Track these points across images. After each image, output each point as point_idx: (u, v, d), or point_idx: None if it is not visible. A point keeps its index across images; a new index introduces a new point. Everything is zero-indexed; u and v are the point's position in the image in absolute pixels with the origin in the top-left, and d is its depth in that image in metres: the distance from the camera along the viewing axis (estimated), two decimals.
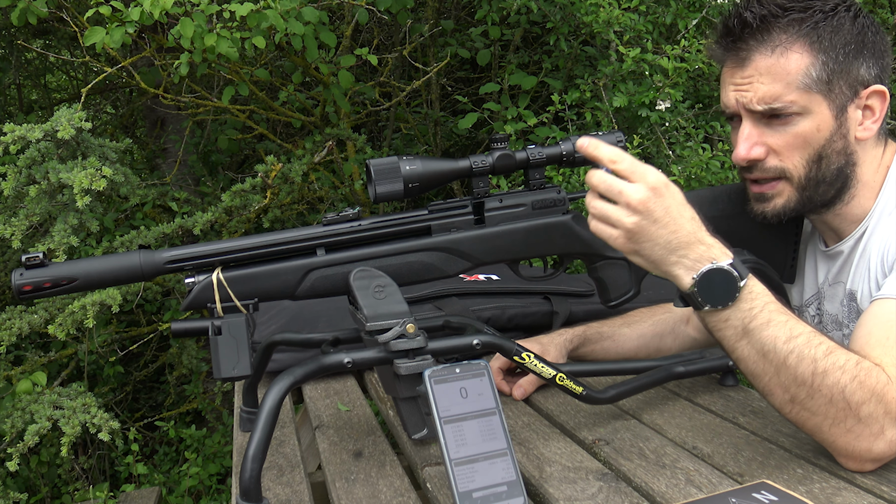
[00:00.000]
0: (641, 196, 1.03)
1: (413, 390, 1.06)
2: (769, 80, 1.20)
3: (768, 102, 1.20)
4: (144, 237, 2.64)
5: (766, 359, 1.02)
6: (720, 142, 2.91)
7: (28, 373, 2.67)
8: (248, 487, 0.95)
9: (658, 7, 3.02)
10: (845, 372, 0.99)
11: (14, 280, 1.06)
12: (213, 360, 1.09)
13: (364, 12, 2.81)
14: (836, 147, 1.22)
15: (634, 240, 1.05)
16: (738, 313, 1.03)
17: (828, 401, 0.99)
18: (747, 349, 1.03)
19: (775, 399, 1.04)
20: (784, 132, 1.21)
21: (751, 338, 1.03)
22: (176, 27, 2.25)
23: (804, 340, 1.01)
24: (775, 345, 1.01)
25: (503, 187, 2.77)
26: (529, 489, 1.07)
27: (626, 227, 1.04)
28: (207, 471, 3.35)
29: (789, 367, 1.00)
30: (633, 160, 1.05)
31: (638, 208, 1.03)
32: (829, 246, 1.34)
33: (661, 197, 1.03)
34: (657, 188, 1.03)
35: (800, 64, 1.19)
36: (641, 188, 1.03)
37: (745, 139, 1.23)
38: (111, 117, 4.36)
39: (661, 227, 1.03)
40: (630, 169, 1.04)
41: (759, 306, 1.03)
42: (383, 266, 1.16)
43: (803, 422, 1.03)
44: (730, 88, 1.25)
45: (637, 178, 1.04)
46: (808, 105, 1.19)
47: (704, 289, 1.03)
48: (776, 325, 1.02)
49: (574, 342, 1.51)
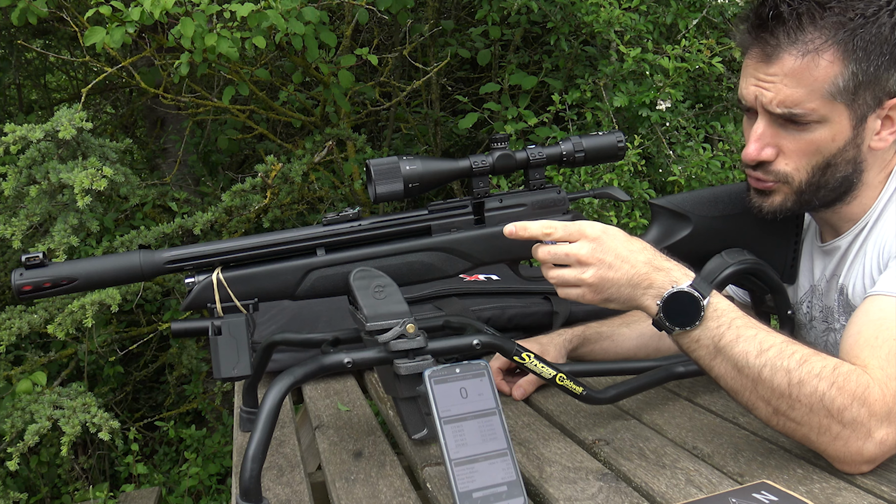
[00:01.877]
0: (587, 250, 1.08)
1: (413, 390, 1.06)
2: (793, 83, 1.15)
3: (788, 107, 1.16)
4: (144, 237, 2.63)
5: (741, 374, 1.03)
6: (720, 142, 2.91)
7: (28, 373, 2.67)
8: (248, 487, 0.95)
9: (658, 7, 3.02)
10: (822, 379, 0.99)
11: (14, 280, 1.06)
12: (213, 360, 1.09)
13: (364, 12, 2.81)
14: (846, 157, 1.19)
15: (599, 290, 1.08)
16: (707, 332, 1.05)
17: (808, 410, 0.99)
18: (722, 366, 1.05)
19: (760, 412, 1.05)
20: (798, 137, 1.18)
21: (724, 355, 1.04)
22: (176, 27, 2.25)
23: (776, 352, 1.01)
24: (747, 360, 1.02)
25: (503, 187, 2.77)
26: (529, 489, 1.07)
27: (587, 283, 1.08)
28: (207, 471, 3.35)
29: (765, 381, 1.01)
30: (565, 224, 1.10)
31: (589, 261, 1.07)
32: (825, 241, 1.34)
33: (604, 244, 1.08)
34: (597, 237, 1.08)
35: (828, 72, 1.13)
36: (584, 244, 1.08)
37: (758, 139, 1.21)
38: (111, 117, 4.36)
39: (616, 270, 1.07)
40: (566, 232, 1.09)
41: (727, 323, 1.05)
42: (383, 266, 1.16)
43: (792, 432, 1.03)
44: (751, 81, 1.20)
45: (576, 237, 1.09)
46: (828, 114, 1.15)
47: (670, 312, 1.05)
48: (745, 339, 1.03)
49: (574, 342, 1.51)
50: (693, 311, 1.05)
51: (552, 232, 1.10)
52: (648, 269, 1.07)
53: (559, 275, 1.10)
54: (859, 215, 1.26)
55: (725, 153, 2.75)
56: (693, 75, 3.02)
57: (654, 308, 1.07)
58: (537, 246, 1.13)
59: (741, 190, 1.33)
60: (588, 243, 1.08)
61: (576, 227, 1.09)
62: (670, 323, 1.06)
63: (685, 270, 1.08)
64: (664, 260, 1.09)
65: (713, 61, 2.71)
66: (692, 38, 2.75)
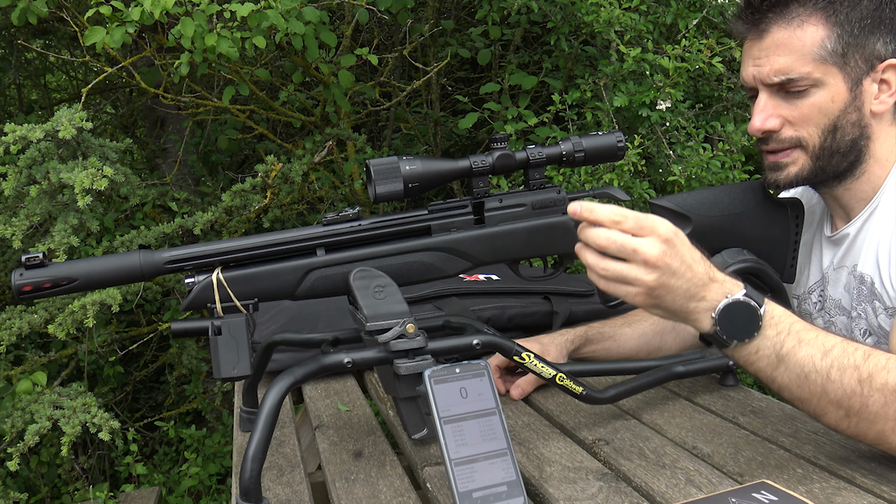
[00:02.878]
0: (658, 251, 0.97)
1: (413, 390, 1.06)
2: (785, 51, 1.24)
3: (785, 73, 1.24)
4: (144, 237, 2.64)
5: (808, 380, 0.98)
6: (720, 142, 2.91)
7: (28, 373, 2.67)
8: (248, 487, 0.95)
9: (658, 7, 3.02)
10: (890, 371, 0.96)
11: (14, 280, 1.06)
12: (213, 360, 1.09)
13: (364, 12, 2.81)
14: (850, 119, 1.25)
15: (655, 296, 1.00)
16: (767, 341, 1.00)
17: (883, 403, 0.96)
18: (786, 376, 1.00)
19: (830, 418, 1.00)
20: (800, 104, 1.25)
21: (787, 363, 0.99)
22: (176, 27, 2.25)
23: (840, 351, 0.98)
24: (814, 363, 0.98)
25: (503, 187, 2.77)
26: (529, 489, 1.07)
27: (646, 285, 0.99)
28: (207, 471, 3.35)
29: (834, 382, 0.97)
30: (637, 215, 0.99)
31: (657, 263, 0.97)
32: (835, 230, 1.36)
33: (675, 248, 0.99)
34: (670, 239, 0.98)
35: (815, 36, 1.22)
36: (655, 242, 0.98)
37: (761, 111, 1.27)
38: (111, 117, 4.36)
39: (679, 278, 0.99)
40: (638, 225, 0.98)
41: (786, 329, 1.00)
42: (383, 266, 1.16)
43: (864, 433, 0.99)
44: (749, 63, 1.29)
45: (647, 233, 0.98)
46: (822, 77, 1.23)
47: (726, 325, 1.00)
48: (808, 343, 0.99)
49: (575, 342, 1.51)
50: (751, 321, 0.99)
51: (622, 220, 0.98)
52: (705, 280, 1.00)
53: (617, 270, 0.99)
54: (870, 194, 1.30)
55: (725, 153, 2.75)
56: (693, 75, 3.02)
57: (707, 322, 1.01)
58: (593, 230, 1.00)
59: (741, 190, 1.34)
60: (659, 243, 0.97)
61: (649, 221, 0.98)
62: (727, 336, 1.00)
63: (735, 282, 1.02)
64: (718, 272, 1.03)
65: (713, 61, 2.71)
66: (692, 38, 2.75)
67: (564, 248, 1.25)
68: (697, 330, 1.03)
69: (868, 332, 1.31)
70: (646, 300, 1.00)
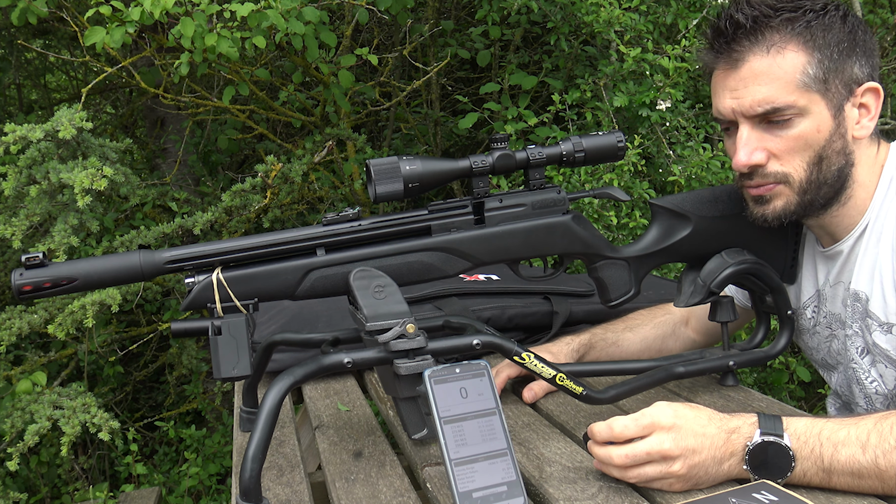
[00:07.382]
0: (669, 443, 1.00)
1: (413, 390, 1.06)
2: (766, 80, 1.17)
3: (769, 103, 1.17)
4: (144, 237, 2.63)
5: (863, 477, 0.98)
6: (720, 141, 2.91)
7: (28, 373, 2.67)
8: (248, 487, 0.95)
9: (658, 7, 3.02)
10: None
11: (14, 280, 1.06)
12: (213, 360, 1.09)
13: (364, 12, 2.81)
14: (835, 147, 1.20)
15: (689, 477, 1.01)
16: (807, 464, 0.99)
17: None
18: (841, 481, 0.99)
19: None
20: (784, 135, 1.19)
21: (835, 472, 0.99)
22: (176, 27, 2.25)
23: (876, 438, 0.98)
24: (859, 462, 0.97)
25: (503, 187, 2.77)
26: (529, 489, 1.06)
27: (677, 475, 1.00)
28: (207, 471, 3.35)
29: (886, 470, 0.97)
30: (635, 418, 1.02)
31: (675, 453, 1.00)
32: (826, 247, 1.34)
33: (682, 429, 1.01)
34: (674, 425, 1.01)
35: (796, 63, 1.17)
36: (663, 436, 1.00)
37: (745, 144, 1.21)
38: (111, 117, 4.36)
39: (700, 453, 1.00)
40: (639, 426, 1.02)
41: (817, 441, 0.99)
42: (383, 266, 1.16)
43: None
44: (725, 95, 1.22)
45: (651, 430, 1.01)
46: (807, 104, 1.18)
47: (761, 470, 1.00)
48: (844, 444, 0.98)
49: (580, 351, 1.50)
50: (782, 455, 0.99)
51: (623, 431, 1.02)
52: (723, 437, 1.01)
53: (646, 474, 1.01)
54: (856, 218, 1.26)
55: (725, 153, 2.75)
56: (693, 75, 3.02)
57: (746, 474, 1.01)
58: (605, 451, 1.03)
59: None
60: (666, 434, 1.00)
61: (647, 419, 1.02)
62: (771, 479, 0.99)
63: (746, 419, 1.02)
64: (728, 419, 1.03)
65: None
66: (692, 38, 2.75)
67: (564, 248, 1.25)
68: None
69: (865, 350, 1.29)
70: (685, 485, 1.02)
